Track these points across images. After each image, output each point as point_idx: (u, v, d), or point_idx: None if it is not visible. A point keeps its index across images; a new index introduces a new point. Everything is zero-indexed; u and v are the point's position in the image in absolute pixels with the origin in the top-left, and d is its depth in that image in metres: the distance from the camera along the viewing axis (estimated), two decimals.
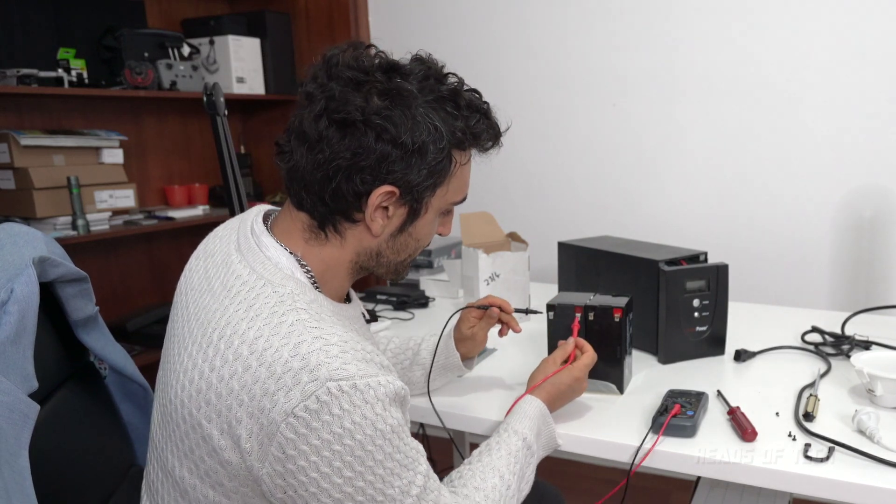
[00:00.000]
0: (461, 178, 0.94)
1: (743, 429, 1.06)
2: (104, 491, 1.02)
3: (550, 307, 1.27)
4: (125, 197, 2.39)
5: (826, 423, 1.09)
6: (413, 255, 0.98)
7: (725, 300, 1.41)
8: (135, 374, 1.10)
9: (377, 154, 0.85)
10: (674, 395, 1.16)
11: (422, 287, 2.00)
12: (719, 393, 1.21)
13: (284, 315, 0.81)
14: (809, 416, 1.10)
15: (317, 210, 0.89)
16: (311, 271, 0.90)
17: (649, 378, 1.33)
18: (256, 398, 0.76)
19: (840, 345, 1.42)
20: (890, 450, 0.99)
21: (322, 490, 0.77)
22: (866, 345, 1.41)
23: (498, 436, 1.03)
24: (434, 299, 1.95)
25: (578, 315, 1.23)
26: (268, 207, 1.00)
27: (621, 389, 1.25)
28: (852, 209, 2.13)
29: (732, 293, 1.50)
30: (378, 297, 1.91)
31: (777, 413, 1.14)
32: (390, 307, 1.88)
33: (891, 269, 2.11)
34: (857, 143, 2.09)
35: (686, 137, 2.31)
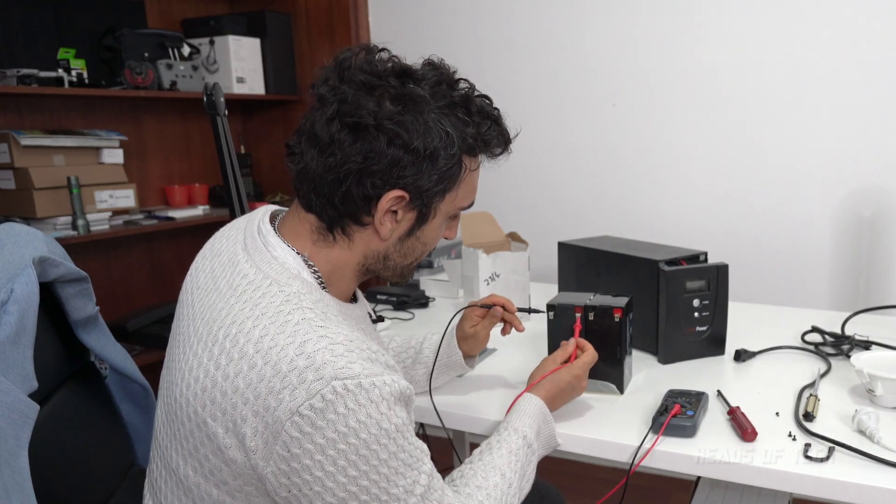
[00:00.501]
0: (470, 184, 0.94)
1: (743, 429, 1.06)
2: (104, 491, 1.02)
3: (550, 307, 1.27)
4: (125, 197, 2.39)
5: (826, 423, 1.09)
6: (419, 259, 0.98)
7: (725, 300, 1.41)
8: (135, 374, 1.10)
9: (388, 158, 0.85)
10: (674, 395, 1.16)
11: (422, 287, 2.00)
12: (719, 393, 1.21)
13: (290, 314, 0.81)
14: (809, 416, 1.10)
15: (326, 212, 0.89)
16: (318, 271, 0.90)
17: (649, 378, 1.33)
18: (261, 396, 0.76)
19: (840, 345, 1.42)
20: (890, 450, 0.99)
21: (326, 489, 0.77)
22: (866, 345, 1.41)
23: (498, 434, 1.03)
24: (434, 299, 1.95)
25: (579, 315, 1.23)
26: (275, 208, 1.00)
27: (621, 389, 1.25)
28: (852, 209, 2.13)
29: (732, 293, 1.50)
30: (378, 297, 1.91)
31: (777, 413, 1.14)
32: (390, 307, 1.88)
33: (891, 269, 2.11)
34: (858, 144, 2.09)
35: (686, 137, 2.31)
